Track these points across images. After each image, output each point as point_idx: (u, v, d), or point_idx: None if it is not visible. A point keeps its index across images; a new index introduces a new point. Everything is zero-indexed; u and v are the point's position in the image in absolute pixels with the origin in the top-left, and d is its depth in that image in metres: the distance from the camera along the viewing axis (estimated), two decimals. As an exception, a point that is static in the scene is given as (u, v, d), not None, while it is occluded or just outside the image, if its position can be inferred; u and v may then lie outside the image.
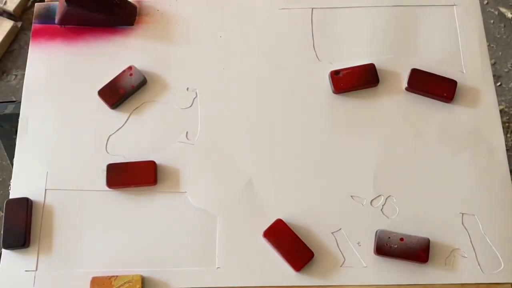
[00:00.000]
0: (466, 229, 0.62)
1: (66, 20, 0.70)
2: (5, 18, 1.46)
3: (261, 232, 0.61)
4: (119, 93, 0.67)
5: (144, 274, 0.60)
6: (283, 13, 0.72)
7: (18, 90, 1.41)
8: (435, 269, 0.60)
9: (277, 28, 0.71)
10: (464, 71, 0.69)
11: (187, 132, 0.66)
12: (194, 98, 0.68)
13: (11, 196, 0.63)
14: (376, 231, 0.61)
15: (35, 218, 0.62)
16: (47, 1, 0.74)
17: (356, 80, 0.67)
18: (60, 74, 0.69)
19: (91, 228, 0.62)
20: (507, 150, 0.65)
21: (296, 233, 0.60)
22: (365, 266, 0.60)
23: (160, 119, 0.67)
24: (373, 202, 0.63)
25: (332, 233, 0.62)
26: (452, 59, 0.69)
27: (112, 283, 0.59)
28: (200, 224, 0.62)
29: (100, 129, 0.67)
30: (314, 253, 0.60)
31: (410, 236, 0.60)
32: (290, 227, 0.61)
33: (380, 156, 0.65)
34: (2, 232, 0.61)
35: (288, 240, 0.60)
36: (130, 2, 0.72)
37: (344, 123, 0.66)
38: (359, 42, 0.70)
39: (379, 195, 0.63)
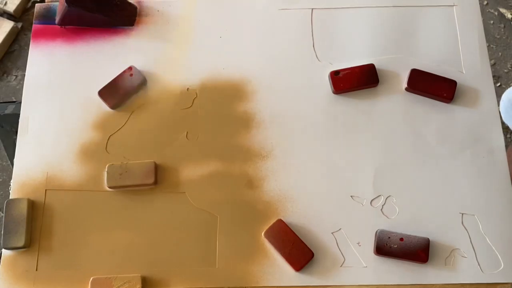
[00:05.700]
0: (466, 229, 0.62)
1: (66, 20, 0.70)
2: (5, 19, 1.46)
3: (261, 232, 0.61)
4: (119, 93, 0.67)
5: (144, 274, 0.60)
6: (283, 13, 0.72)
7: (18, 90, 1.41)
8: (435, 269, 0.60)
9: (277, 28, 0.71)
10: (464, 71, 0.69)
11: (187, 132, 0.66)
12: (194, 98, 0.68)
13: (11, 196, 0.63)
14: (376, 231, 0.61)
15: (35, 218, 0.62)
16: (47, 2, 0.74)
17: (356, 80, 0.67)
18: (60, 75, 0.70)
19: (91, 228, 0.62)
20: (507, 150, 0.65)
21: (296, 233, 0.61)
22: (365, 266, 0.60)
23: (160, 119, 0.67)
24: (373, 202, 0.63)
25: (332, 233, 0.62)
26: (452, 59, 0.69)
27: (112, 283, 0.59)
28: (200, 224, 0.62)
29: (100, 129, 0.67)
30: (314, 253, 0.60)
31: (410, 236, 0.60)
32: (290, 227, 0.61)
33: (380, 156, 0.65)
34: (2, 232, 0.61)
35: (288, 240, 0.60)
36: (130, 3, 0.72)
37: (344, 123, 0.66)
38: (359, 42, 0.70)
39: (379, 195, 0.63)
